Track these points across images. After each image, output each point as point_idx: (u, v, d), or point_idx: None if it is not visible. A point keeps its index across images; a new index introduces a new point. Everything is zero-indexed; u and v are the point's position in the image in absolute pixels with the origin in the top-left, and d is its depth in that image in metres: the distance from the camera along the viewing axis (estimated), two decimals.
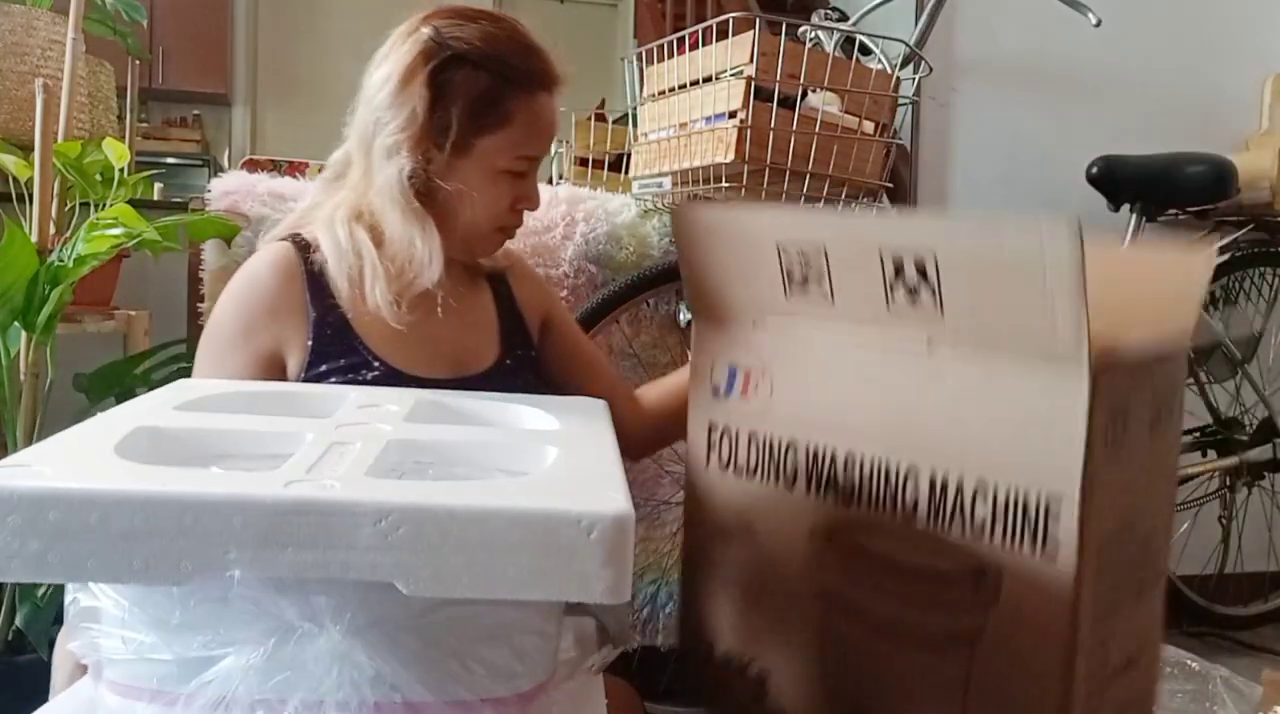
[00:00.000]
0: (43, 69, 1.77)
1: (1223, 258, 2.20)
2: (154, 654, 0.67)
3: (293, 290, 1.05)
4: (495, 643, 0.70)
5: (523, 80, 1.05)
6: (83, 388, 1.45)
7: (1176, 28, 2.36)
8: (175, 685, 0.66)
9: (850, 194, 1.54)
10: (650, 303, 1.76)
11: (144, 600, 0.67)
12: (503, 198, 1.07)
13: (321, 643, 0.65)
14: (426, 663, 0.66)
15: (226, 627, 0.66)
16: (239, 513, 0.62)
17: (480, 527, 0.64)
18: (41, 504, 0.61)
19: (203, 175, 4.86)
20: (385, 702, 0.65)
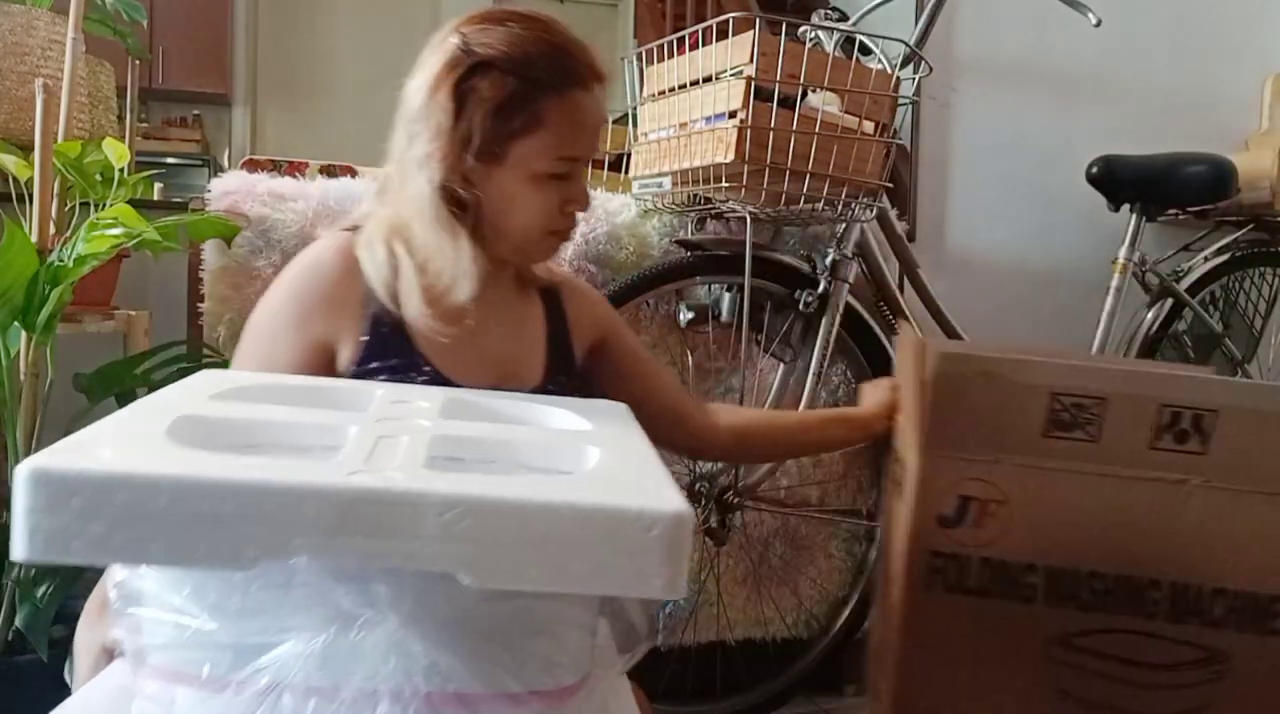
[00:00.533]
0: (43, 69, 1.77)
1: (1223, 258, 2.21)
2: (209, 640, 0.66)
3: (354, 282, 1.04)
4: (544, 636, 0.70)
5: (552, 81, 1.02)
6: (83, 388, 1.45)
7: (1176, 28, 2.36)
8: (227, 672, 0.66)
9: (850, 194, 1.54)
10: (650, 303, 1.76)
11: (203, 585, 0.67)
12: (548, 202, 1.04)
13: (379, 632, 0.65)
14: (479, 654, 0.67)
15: (286, 613, 0.66)
16: (306, 501, 0.63)
17: (544, 521, 0.64)
18: (108, 487, 0.61)
19: (203, 175, 4.86)
20: (437, 692, 0.66)
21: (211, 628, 0.66)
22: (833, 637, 1.87)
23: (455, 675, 0.66)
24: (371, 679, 0.65)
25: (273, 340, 1.03)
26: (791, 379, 1.76)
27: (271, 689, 0.65)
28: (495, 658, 0.68)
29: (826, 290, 1.70)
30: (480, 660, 0.67)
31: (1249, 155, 2.27)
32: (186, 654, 0.67)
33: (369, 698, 0.65)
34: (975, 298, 2.12)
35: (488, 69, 1.01)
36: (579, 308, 1.20)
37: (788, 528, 1.85)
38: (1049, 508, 1.18)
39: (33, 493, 0.61)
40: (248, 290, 1.56)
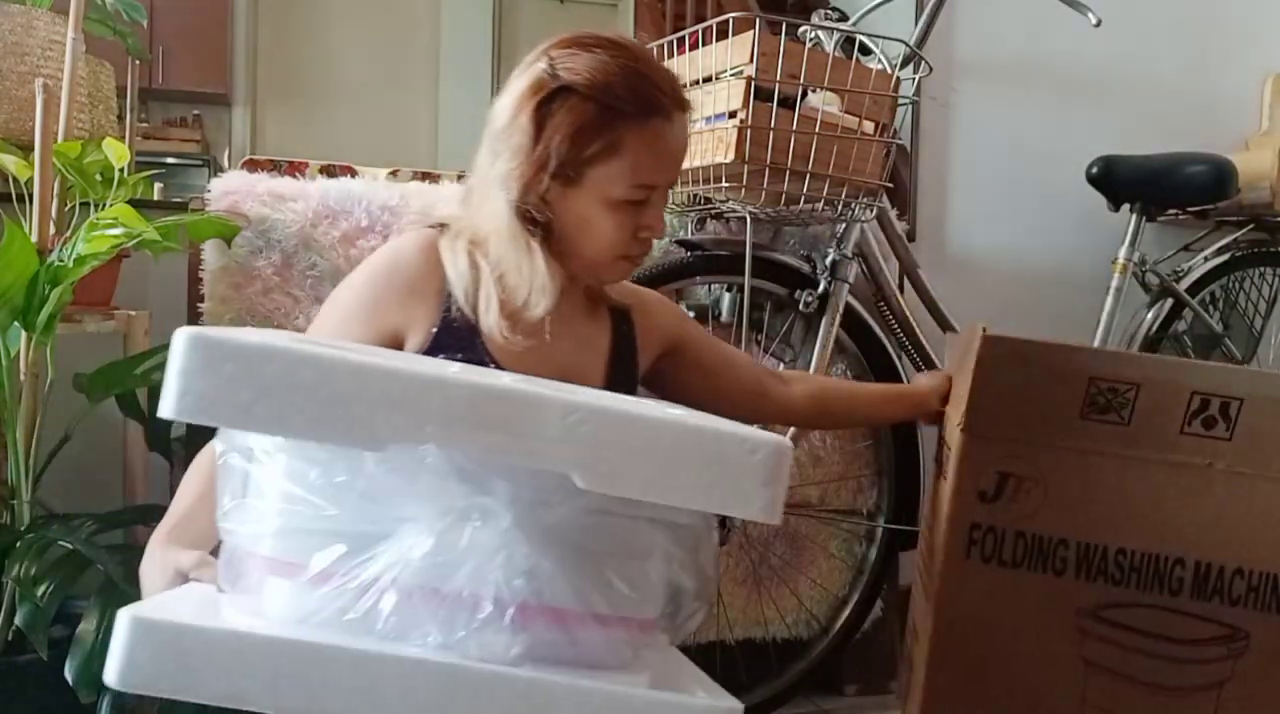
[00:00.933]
0: (43, 69, 1.77)
1: (1223, 258, 2.21)
2: (329, 525, 0.68)
3: (434, 276, 1.07)
4: (636, 562, 0.74)
5: (632, 109, 1.02)
6: (83, 388, 1.45)
7: (1176, 28, 2.36)
8: (337, 562, 0.67)
9: (850, 194, 1.54)
10: None
11: (331, 466, 0.69)
12: (623, 227, 1.05)
13: (491, 530, 0.68)
14: (578, 570, 0.70)
15: (407, 501, 0.68)
16: (441, 392, 0.67)
17: (657, 433, 0.69)
18: (260, 357, 0.64)
19: (203, 175, 4.85)
20: (534, 603, 0.68)
21: (332, 513, 0.68)
22: (833, 637, 1.87)
23: (552, 585, 0.69)
24: (476, 577, 0.67)
25: (343, 324, 1.07)
26: None
27: (375, 582, 0.67)
28: (590, 575, 0.71)
29: (826, 290, 1.70)
30: (576, 575, 0.70)
31: (1249, 155, 2.27)
32: (296, 543, 0.69)
33: (470, 600, 0.67)
34: (975, 298, 2.11)
35: (569, 94, 1.02)
36: (647, 325, 1.23)
37: (788, 528, 1.85)
38: (1082, 486, 1.25)
39: (189, 355, 0.64)
40: (248, 290, 1.56)
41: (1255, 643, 1.23)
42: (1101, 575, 1.26)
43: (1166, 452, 1.23)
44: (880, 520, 1.89)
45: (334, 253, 1.56)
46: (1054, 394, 1.25)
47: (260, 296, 1.56)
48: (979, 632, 1.29)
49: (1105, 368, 1.24)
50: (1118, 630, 1.26)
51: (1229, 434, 1.22)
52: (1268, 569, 1.22)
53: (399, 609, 0.67)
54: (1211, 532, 1.23)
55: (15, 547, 1.27)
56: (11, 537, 1.31)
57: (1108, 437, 1.24)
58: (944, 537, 1.28)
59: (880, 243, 1.85)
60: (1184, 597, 1.24)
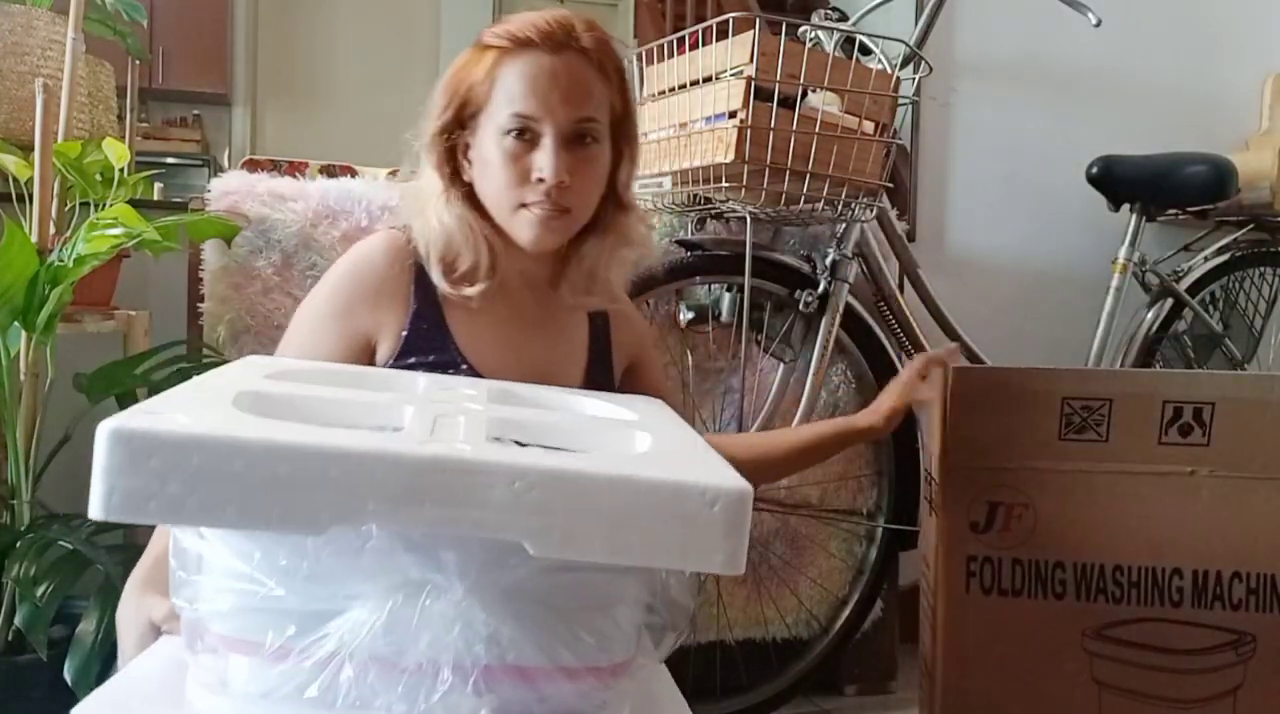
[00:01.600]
0: (43, 69, 1.77)
1: (1223, 258, 2.21)
2: (276, 606, 0.67)
3: (401, 278, 1.07)
4: (600, 612, 0.72)
5: (506, 42, 1.04)
6: (83, 388, 1.45)
7: (1176, 28, 2.36)
8: (292, 639, 0.66)
9: (850, 194, 1.54)
10: (650, 303, 1.76)
11: (273, 550, 0.67)
12: (511, 166, 1.04)
13: (445, 601, 0.66)
14: (539, 627, 0.68)
15: (354, 580, 0.66)
16: (381, 467, 0.63)
17: (611, 493, 0.65)
18: (186, 448, 0.61)
19: (203, 175, 4.85)
20: (496, 664, 0.66)
21: (279, 594, 0.67)
22: (833, 637, 1.87)
23: (515, 647, 0.67)
24: (434, 648, 0.65)
25: (315, 330, 1.07)
26: (791, 379, 1.76)
27: (332, 658, 0.65)
28: (553, 630, 0.69)
29: (826, 290, 1.70)
30: (540, 633, 0.68)
31: (1249, 155, 2.27)
32: (249, 621, 0.68)
33: (429, 669, 0.65)
34: (975, 298, 2.12)
35: (474, 48, 1.07)
36: (625, 332, 1.22)
37: (788, 528, 1.85)
38: (1070, 507, 1.27)
39: (112, 452, 0.61)
40: (248, 290, 1.56)
41: (1263, 645, 1.23)
42: (1102, 594, 1.26)
43: (1148, 463, 1.24)
44: (880, 520, 1.89)
45: (334, 253, 1.56)
46: (1030, 418, 1.27)
47: (260, 296, 1.56)
48: (988, 663, 1.29)
49: (1075, 386, 1.26)
50: (1124, 648, 1.26)
51: (1207, 439, 1.23)
52: (1265, 570, 1.23)
53: (358, 683, 0.65)
54: (1204, 538, 1.24)
55: (15, 547, 1.27)
56: (11, 537, 1.31)
57: (1089, 455, 1.26)
58: (942, 571, 1.29)
59: (880, 243, 1.85)
60: (1185, 606, 1.25)
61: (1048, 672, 1.27)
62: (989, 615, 1.28)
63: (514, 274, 1.11)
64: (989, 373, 1.30)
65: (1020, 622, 1.28)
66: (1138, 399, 1.24)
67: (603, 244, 1.12)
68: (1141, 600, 1.25)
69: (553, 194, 1.03)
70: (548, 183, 1.02)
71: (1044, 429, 1.26)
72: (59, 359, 1.42)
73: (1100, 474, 1.25)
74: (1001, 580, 1.28)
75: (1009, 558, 1.28)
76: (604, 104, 1.07)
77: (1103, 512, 1.26)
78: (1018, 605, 1.28)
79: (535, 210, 1.04)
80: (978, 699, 1.29)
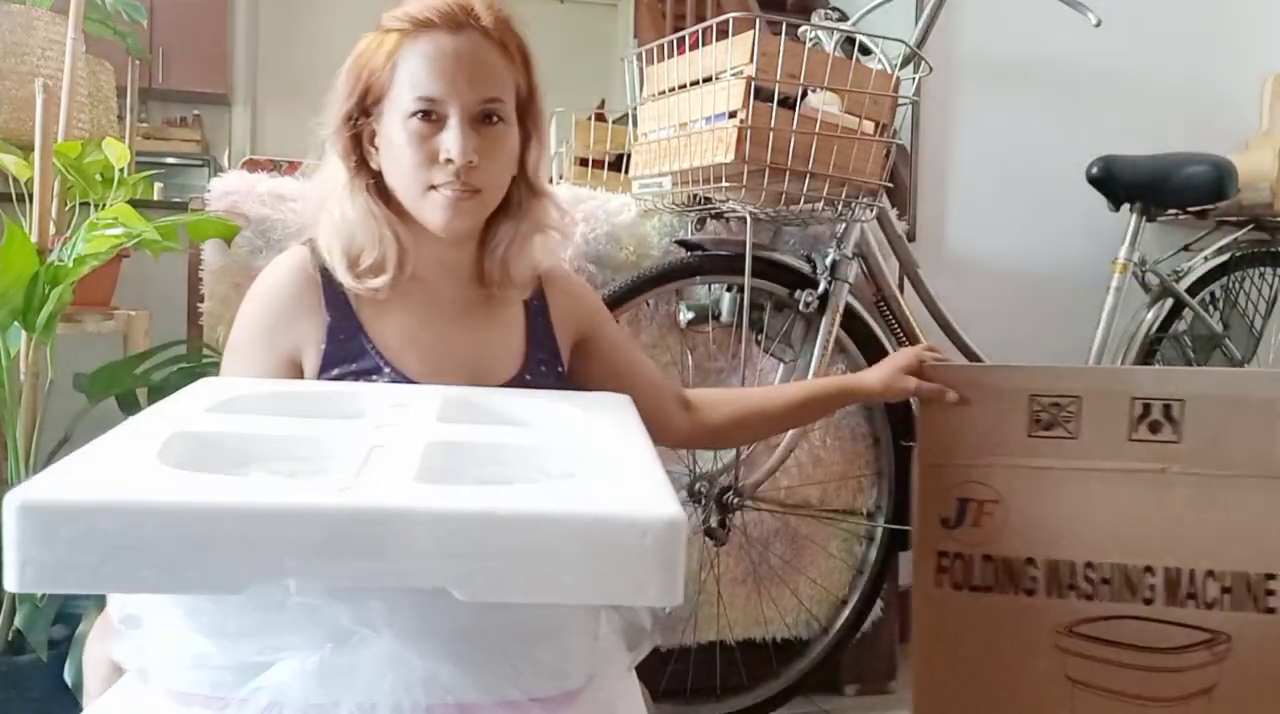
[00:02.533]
0: (43, 69, 1.77)
1: (1223, 258, 2.21)
2: (207, 660, 0.66)
3: (310, 293, 1.06)
4: (544, 643, 0.71)
5: (405, 25, 1.04)
6: (83, 388, 1.45)
7: (1176, 28, 2.36)
8: (227, 690, 0.66)
9: (850, 194, 1.54)
10: (650, 303, 1.76)
11: (197, 609, 0.67)
12: (417, 148, 1.02)
13: (376, 648, 0.65)
14: (478, 665, 0.67)
15: (281, 633, 0.66)
16: (297, 524, 0.62)
17: (536, 533, 0.63)
18: (95, 516, 0.60)
19: (203, 175, 4.85)
20: (437, 704, 0.65)
21: (209, 649, 0.66)
22: (833, 637, 1.87)
23: (456, 687, 0.66)
24: (370, 694, 0.64)
25: (246, 361, 1.06)
26: (791, 379, 1.76)
27: (271, 708, 0.64)
28: (495, 667, 0.68)
29: (826, 290, 1.70)
30: (480, 670, 0.67)
31: (1249, 155, 2.27)
32: (187, 674, 0.68)
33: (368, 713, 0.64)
34: (975, 298, 2.11)
35: (376, 32, 1.07)
36: (565, 303, 1.19)
37: (788, 528, 1.85)
38: (1041, 504, 1.25)
39: (21, 526, 0.60)
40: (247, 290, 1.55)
41: (1238, 645, 1.21)
42: (1073, 591, 1.25)
43: (1118, 460, 1.23)
44: (880, 520, 1.89)
45: None
46: (1000, 415, 1.26)
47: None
48: (961, 660, 1.28)
49: (1044, 383, 1.25)
50: (1097, 645, 1.24)
51: (1177, 436, 1.21)
52: (1239, 569, 1.20)
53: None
54: (1176, 537, 1.22)
55: None
56: None
57: (1058, 452, 1.24)
58: (917, 566, 1.28)
59: (880, 243, 1.85)
60: (1158, 604, 1.23)
61: (1020, 668, 1.26)
62: (961, 612, 1.28)
63: (431, 265, 1.10)
64: (958, 370, 1.29)
65: (992, 618, 1.27)
66: (1107, 396, 1.23)
67: (516, 229, 1.11)
68: (1114, 598, 1.24)
69: (462, 174, 1.02)
70: (456, 163, 1.01)
71: (1013, 426, 1.25)
72: (59, 359, 1.42)
73: (1070, 471, 1.24)
74: (973, 577, 1.28)
75: (980, 554, 1.27)
76: (509, 84, 1.06)
77: (1073, 508, 1.25)
78: (989, 602, 1.27)
79: (445, 192, 1.03)
80: (951, 695, 1.28)
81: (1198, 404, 1.20)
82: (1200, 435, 1.20)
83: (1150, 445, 1.22)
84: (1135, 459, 1.22)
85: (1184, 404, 1.20)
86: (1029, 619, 1.26)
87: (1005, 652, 1.27)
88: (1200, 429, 1.20)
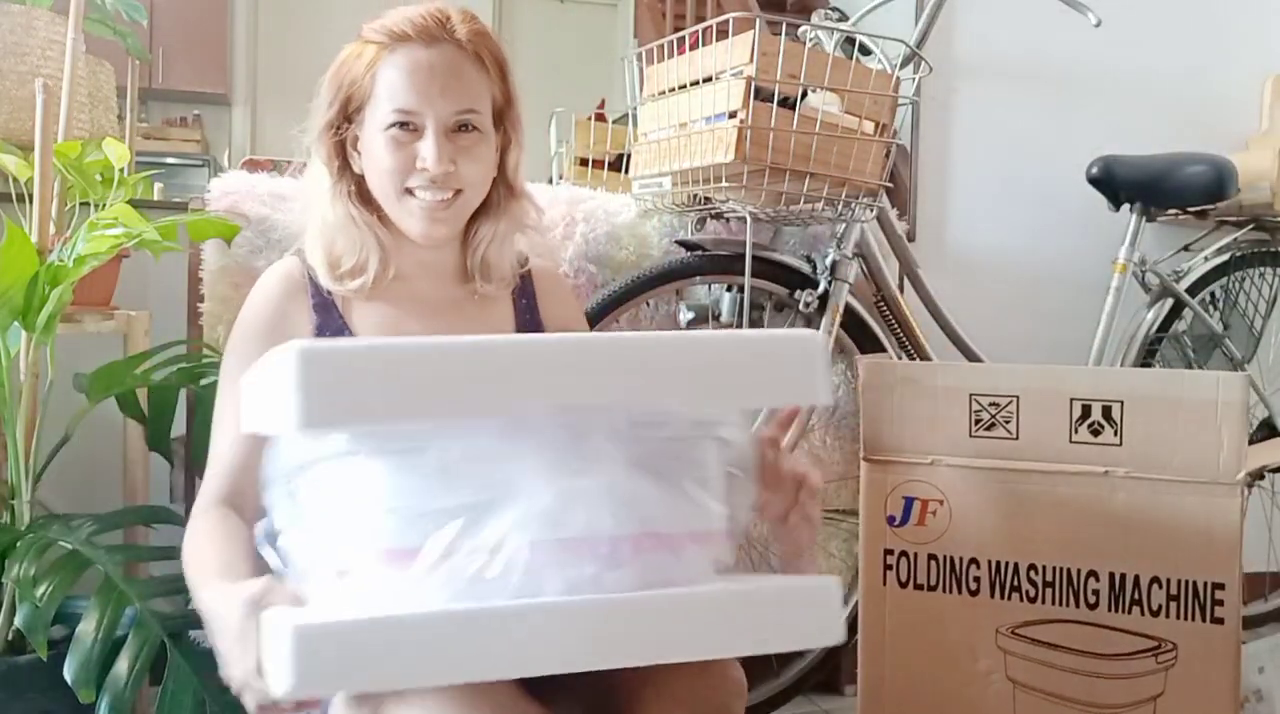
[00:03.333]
0: (43, 69, 1.77)
1: (1223, 258, 2.21)
2: (441, 503, 0.72)
3: (298, 299, 1.10)
4: (707, 480, 0.80)
5: (383, 38, 1.07)
6: (83, 388, 1.45)
7: (1176, 28, 2.36)
8: (454, 540, 0.71)
9: (850, 194, 1.54)
10: (650, 303, 1.76)
11: (446, 444, 0.73)
12: (398, 155, 1.06)
13: (596, 475, 0.73)
14: (670, 492, 0.77)
15: (518, 462, 0.73)
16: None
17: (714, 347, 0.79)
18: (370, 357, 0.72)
19: (203, 175, 4.85)
20: (639, 533, 0.75)
21: (441, 492, 0.72)
22: None
23: (655, 513, 0.75)
24: (590, 523, 0.72)
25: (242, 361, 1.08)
26: None
27: (498, 549, 0.71)
28: (680, 496, 0.77)
29: (826, 290, 1.70)
30: (670, 498, 0.77)
31: (1249, 155, 2.27)
32: (412, 529, 0.72)
33: (587, 543, 0.72)
34: (975, 298, 2.11)
35: (357, 42, 1.10)
36: (553, 304, 1.22)
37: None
38: (984, 504, 1.24)
39: (306, 369, 0.68)
40: (247, 290, 1.54)
41: (1184, 654, 1.18)
42: (1016, 593, 1.23)
43: (1060, 462, 1.21)
44: None
45: None
46: (940, 414, 1.25)
47: None
48: (904, 658, 1.28)
49: (982, 382, 1.24)
50: (1040, 648, 1.22)
51: (1119, 439, 1.19)
52: (1185, 576, 1.17)
53: (528, 567, 0.71)
54: (1121, 541, 1.19)
55: (15, 547, 1.27)
56: (11, 537, 1.31)
57: (999, 452, 1.23)
58: (864, 564, 1.28)
59: (880, 243, 1.85)
60: (1102, 610, 1.20)
61: (962, 668, 1.25)
62: (905, 609, 1.27)
63: (413, 266, 1.13)
64: (897, 367, 1.27)
65: (936, 617, 1.26)
66: (1044, 395, 1.21)
67: (495, 229, 1.15)
68: (1057, 601, 1.22)
69: (438, 182, 1.06)
70: (431, 172, 1.05)
71: (954, 425, 1.25)
72: (59, 359, 1.42)
73: (1012, 471, 1.23)
74: (917, 575, 1.27)
75: (925, 552, 1.27)
76: (484, 95, 1.09)
77: (1016, 509, 1.23)
78: (933, 600, 1.26)
79: (423, 196, 1.07)
80: (896, 693, 1.28)
81: (1136, 405, 1.17)
82: (1142, 438, 1.17)
83: (1092, 448, 1.19)
84: (1077, 461, 1.20)
85: (1122, 405, 1.18)
86: (972, 619, 1.25)
87: (949, 651, 1.26)
88: (1140, 431, 1.17)
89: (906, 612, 1.27)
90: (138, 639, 1.19)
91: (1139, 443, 1.17)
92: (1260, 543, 2.36)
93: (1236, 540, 1.15)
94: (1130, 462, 1.18)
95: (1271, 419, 2.23)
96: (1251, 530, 2.32)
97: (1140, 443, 1.17)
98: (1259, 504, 2.33)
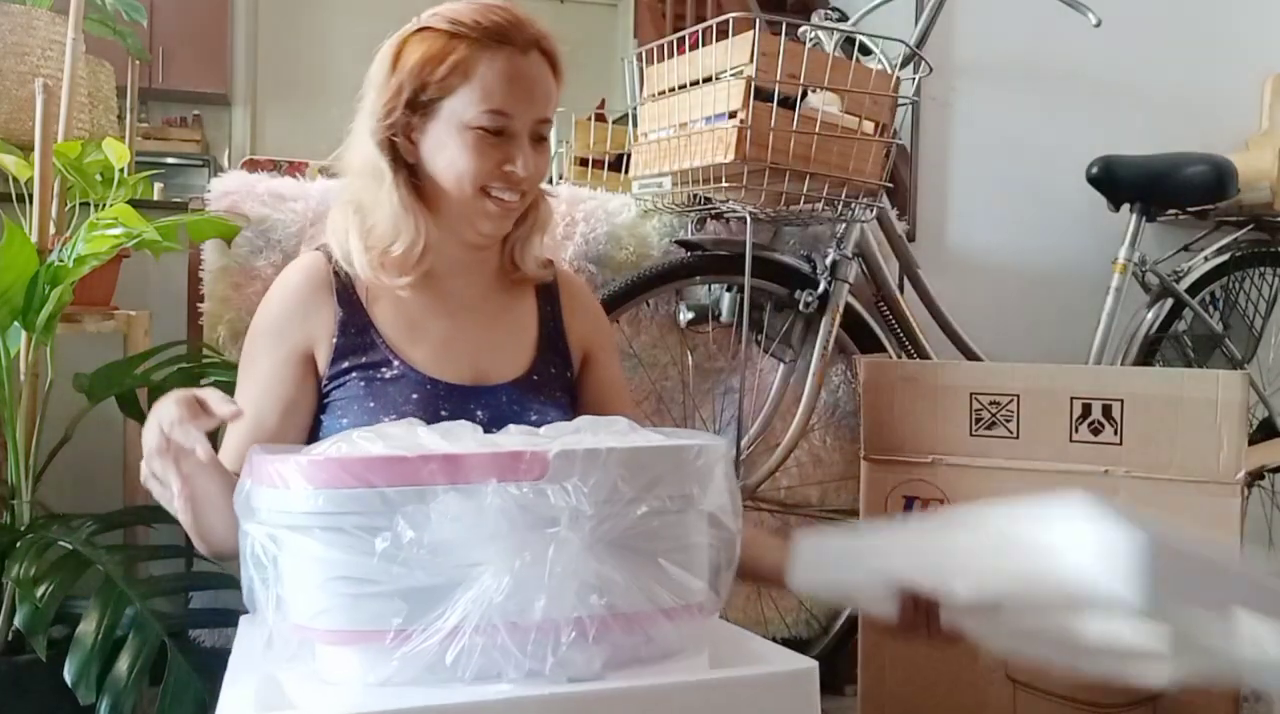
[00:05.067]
0: (43, 69, 1.77)
1: (1223, 258, 2.20)
2: (398, 584, 0.71)
3: (322, 292, 1.11)
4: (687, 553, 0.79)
5: (479, 34, 1.05)
6: (83, 388, 1.45)
7: (1176, 28, 2.36)
8: (412, 622, 0.70)
9: (850, 194, 1.54)
10: (650, 303, 1.76)
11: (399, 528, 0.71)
12: (482, 158, 1.05)
13: (562, 559, 0.71)
14: (643, 572, 0.76)
15: (477, 547, 0.71)
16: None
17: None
18: None
19: (203, 175, 4.85)
20: (608, 615, 0.73)
21: (400, 573, 0.71)
22: (833, 637, 1.87)
23: (625, 596, 0.73)
24: (553, 607, 0.71)
25: (260, 354, 1.10)
26: (791, 379, 1.76)
27: (456, 633, 0.70)
28: (654, 574, 0.76)
29: (826, 290, 1.70)
30: (644, 578, 0.75)
31: (1249, 155, 2.27)
32: (365, 611, 0.72)
33: (550, 627, 0.71)
34: (975, 298, 2.11)
35: (425, 31, 1.07)
36: (578, 316, 1.22)
37: (788, 528, 1.85)
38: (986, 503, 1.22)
39: None
40: (248, 290, 1.55)
41: None
42: None
43: (1060, 461, 1.21)
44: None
45: None
46: (941, 413, 1.26)
47: (260, 297, 1.56)
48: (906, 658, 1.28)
49: (983, 381, 1.24)
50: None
51: (1119, 438, 1.19)
52: None
53: (485, 651, 0.70)
54: None
55: (15, 547, 1.27)
56: (11, 537, 1.31)
57: (1000, 451, 1.24)
58: None
59: (880, 243, 1.85)
60: None
61: (963, 668, 1.25)
62: None
63: (447, 264, 1.13)
64: (898, 367, 1.26)
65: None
66: (1045, 394, 1.21)
67: (527, 229, 1.16)
68: None
69: (520, 185, 1.07)
70: (519, 177, 1.06)
71: (955, 424, 1.25)
72: (59, 359, 1.42)
73: (1013, 471, 1.23)
74: None
75: None
76: (555, 105, 1.11)
77: None
78: None
79: (501, 197, 1.07)
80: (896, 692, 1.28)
81: (1136, 404, 1.18)
82: (1141, 437, 1.18)
83: (1092, 447, 1.20)
84: (1078, 461, 1.20)
85: (1122, 404, 1.18)
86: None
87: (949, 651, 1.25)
88: (1140, 430, 1.18)
89: None
90: (138, 639, 1.19)
91: (1139, 442, 1.18)
92: (1260, 543, 2.36)
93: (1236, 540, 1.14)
94: (1130, 461, 1.18)
95: (1271, 419, 2.22)
96: (1251, 530, 2.32)
97: (1140, 442, 1.18)
98: (1259, 504, 2.33)
